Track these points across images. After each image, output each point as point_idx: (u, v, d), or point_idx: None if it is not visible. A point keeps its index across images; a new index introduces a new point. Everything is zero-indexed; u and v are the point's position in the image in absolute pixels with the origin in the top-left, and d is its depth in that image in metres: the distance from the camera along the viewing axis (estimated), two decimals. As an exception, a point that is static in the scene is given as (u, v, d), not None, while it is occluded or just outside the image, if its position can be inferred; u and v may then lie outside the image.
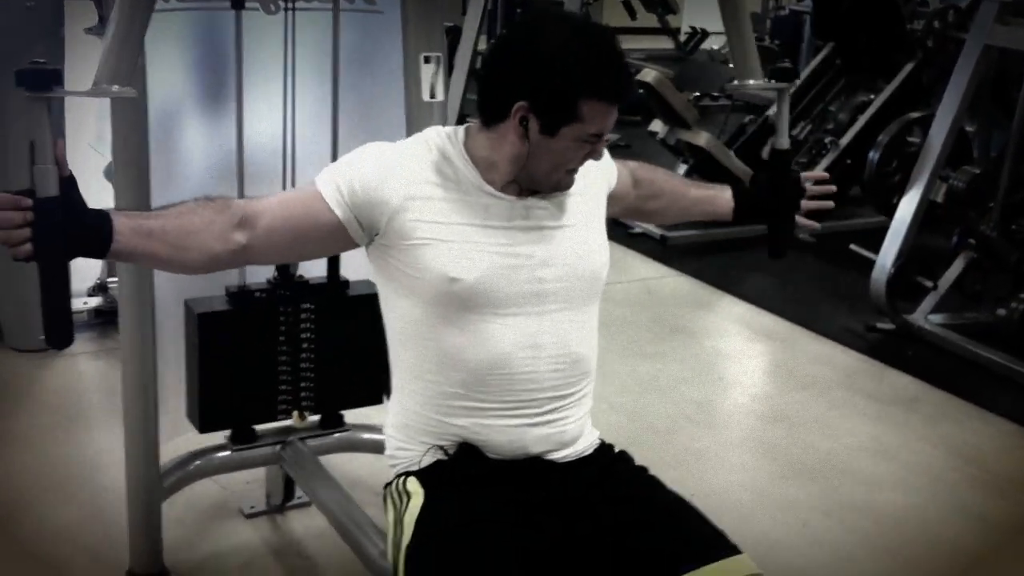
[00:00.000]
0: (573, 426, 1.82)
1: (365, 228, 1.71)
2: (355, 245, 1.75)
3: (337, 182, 1.70)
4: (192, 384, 2.46)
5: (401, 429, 1.83)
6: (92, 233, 1.57)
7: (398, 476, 1.81)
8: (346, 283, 2.56)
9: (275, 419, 2.58)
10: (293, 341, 2.50)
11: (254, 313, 2.48)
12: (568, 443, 1.82)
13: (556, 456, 1.80)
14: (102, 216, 1.59)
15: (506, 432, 1.75)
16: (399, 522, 1.74)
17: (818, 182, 2.20)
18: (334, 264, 2.55)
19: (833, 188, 2.21)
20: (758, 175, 2.22)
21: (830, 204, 2.19)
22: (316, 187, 1.71)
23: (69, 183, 1.56)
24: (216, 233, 1.66)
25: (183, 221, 1.66)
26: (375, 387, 2.51)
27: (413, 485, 1.76)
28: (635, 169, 2.07)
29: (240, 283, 2.49)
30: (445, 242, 1.69)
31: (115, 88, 1.85)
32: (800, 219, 2.20)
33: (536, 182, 1.74)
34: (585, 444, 1.85)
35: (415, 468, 1.78)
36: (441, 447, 1.77)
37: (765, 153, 2.43)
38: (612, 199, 1.95)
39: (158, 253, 1.64)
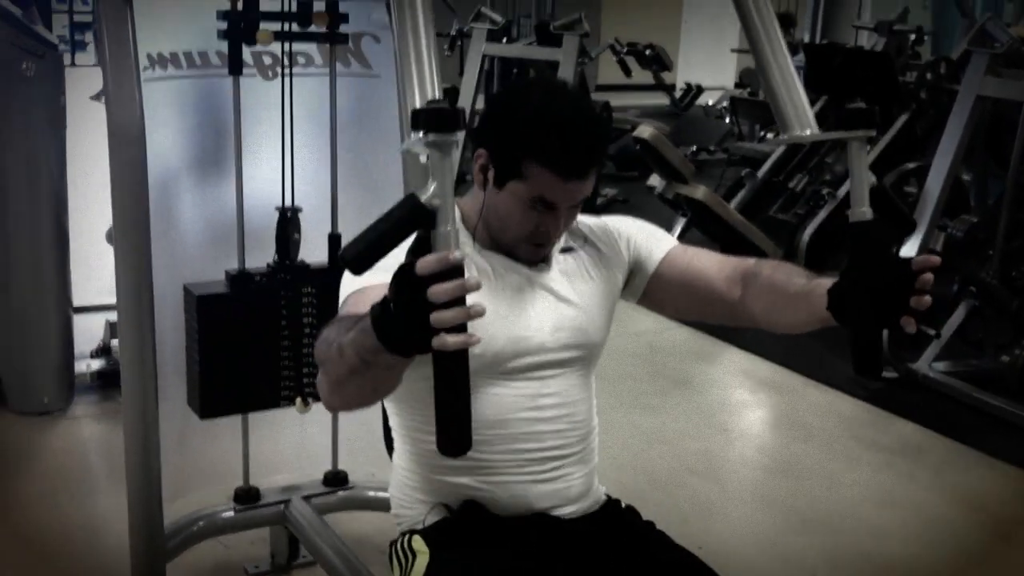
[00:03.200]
0: (579, 482, 1.81)
1: None
2: None
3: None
4: (192, 369, 2.44)
5: (404, 488, 1.83)
6: None
7: (403, 535, 1.80)
8: (347, 267, 2.54)
9: (277, 405, 2.54)
10: (294, 326, 2.48)
11: (254, 297, 2.46)
12: (574, 499, 1.81)
13: (562, 512, 1.79)
14: None
15: (509, 488, 1.75)
16: None
17: (929, 268, 1.51)
18: (334, 247, 2.53)
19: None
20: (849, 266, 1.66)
21: (928, 300, 1.53)
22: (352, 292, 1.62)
23: None
24: None
25: None
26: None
27: (418, 544, 1.75)
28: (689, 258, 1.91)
29: (240, 267, 2.49)
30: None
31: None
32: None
33: (504, 244, 1.75)
34: (592, 500, 1.85)
35: (420, 527, 1.78)
36: (445, 505, 1.77)
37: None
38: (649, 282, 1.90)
39: None
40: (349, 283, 1.64)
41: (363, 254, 1.23)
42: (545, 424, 1.76)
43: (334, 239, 2.54)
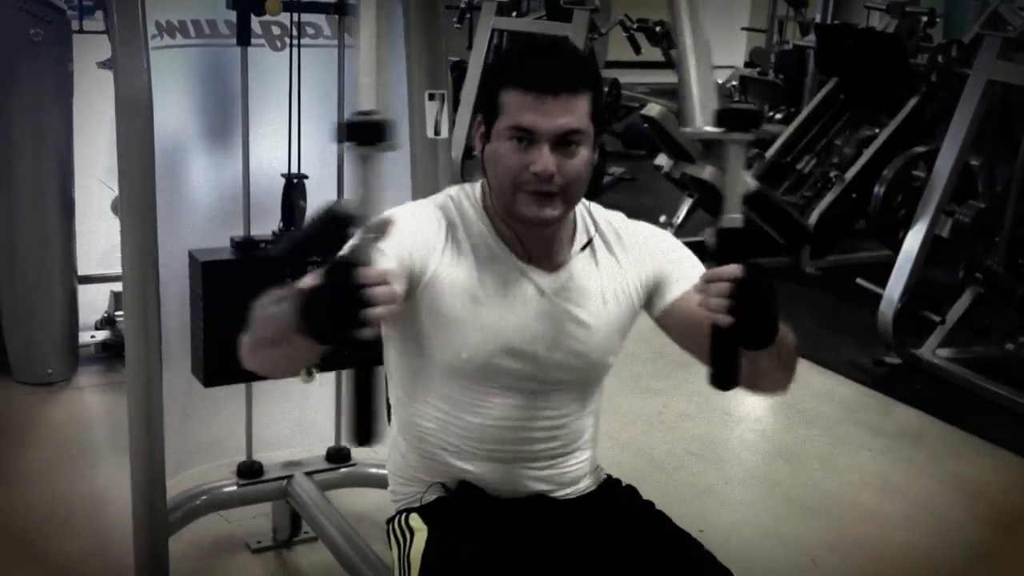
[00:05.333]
0: (574, 469, 1.81)
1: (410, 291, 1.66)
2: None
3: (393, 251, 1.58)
4: (196, 337, 2.43)
5: (402, 466, 1.83)
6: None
7: (399, 512, 1.80)
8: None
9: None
10: None
11: (259, 264, 2.44)
12: (569, 483, 1.81)
13: (559, 494, 1.80)
14: None
15: (501, 473, 1.75)
16: (404, 559, 1.73)
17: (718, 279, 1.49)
18: None
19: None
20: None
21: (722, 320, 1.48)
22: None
23: None
24: None
25: None
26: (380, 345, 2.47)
27: (416, 522, 1.75)
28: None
29: (245, 234, 2.49)
30: (463, 321, 1.66)
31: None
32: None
33: (511, 215, 1.66)
34: (590, 481, 1.85)
35: (417, 505, 1.78)
36: (442, 484, 1.77)
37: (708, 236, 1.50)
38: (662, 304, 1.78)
39: None
40: None
41: (289, 253, 1.40)
42: (540, 432, 1.76)
43: None
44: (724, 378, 1.54)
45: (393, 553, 1.78)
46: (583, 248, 1.75)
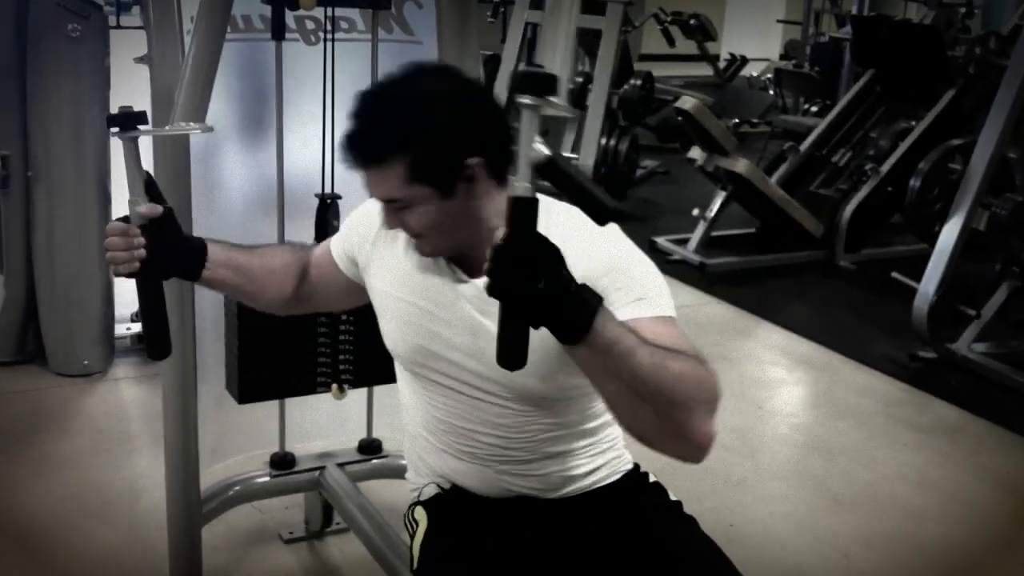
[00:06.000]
0: (558, 476, 1.70)
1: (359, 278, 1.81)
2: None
3: (340, 236, 1.84)
4: (231, 355, 2.47)
5: (410, 457, 1.85)
6: (190, 256, 1.73)
7: (410, 505, 1.82)
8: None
9: (314, 391, 2.56)
10: (331, 312, 2.47)
11: None
12: (557, 487, 1.71)
13: (550, 496, 1.71)
14: (199, 243, 1.74)
15: (475, 471, 1.70)
16: (410, 549, 1.79)
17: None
18: None
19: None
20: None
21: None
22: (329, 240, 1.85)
23: (168, 214, 1.69)
24: (289, 277, 1.83)
25: (266, 261, 1.82)
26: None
27: (420, 514, 1.78)
28: None
29: None
30: (388, 312, 1.73)
31: (192, 125, 2.06)
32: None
33: None
34: (591, 481, 1.73)
35: (422, 498, 1.80)
36: (436, 483, 1.77)
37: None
38: None
39: (241, 287, 1.80)
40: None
41: None
42: (489, 438, 1.67)
43: None
44: (507, 354, 1.34)
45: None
46: None
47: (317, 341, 2.50)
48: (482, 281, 1.36)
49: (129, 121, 1.66)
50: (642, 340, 1.35)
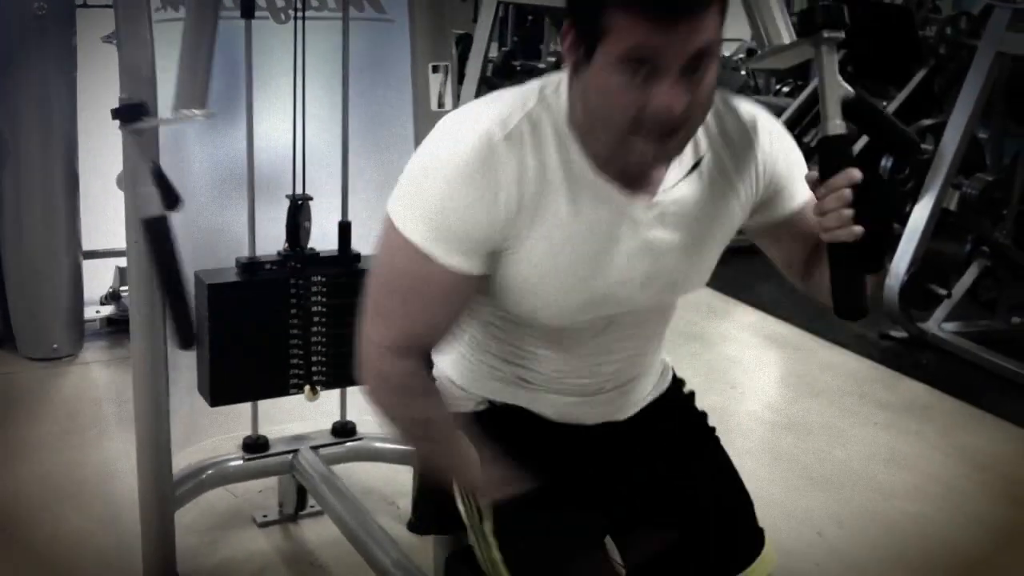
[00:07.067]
0: (630, 403, 1.70)
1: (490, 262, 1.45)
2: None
3: (456, 246, 1.39)
4: (203, 357, 2.44)
5: (456, 372, 1.67)
6: None
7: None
8: (358, 256, 2.52)
9: (287, 393, 2.54)
10: (304, 314, 2.47)
11: (264, 285, 2.45)
12: (624, 412, 1.70)
13: (621, 418, 1.70)
14: None
15: (555, 407, 1.63)
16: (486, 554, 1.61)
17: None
18: (345, 236, 2.53)
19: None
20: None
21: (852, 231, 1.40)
22: (444, 266, 1.39)
23: None
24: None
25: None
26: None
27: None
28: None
29: (251, 255, 2.49)
30: (546, 283, 1.45)
31: (194, 111, 2.03)
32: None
33: (614, 157, 1.37)
34: (654, 392, 1.77)
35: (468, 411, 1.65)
36: (490, 401, 1.65)
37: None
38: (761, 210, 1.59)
39: None
40: (402, 240, 1.39)
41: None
42: (605, 378, 1.62)
43: (344, 227, 2.53)
44: (851, 304, 1.43)
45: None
46: (689, 172, 1.47)
47: (290, 343, 2.49)
48: (660, 200, 1.43)
49: (133, 112, 1.60)
50: None
